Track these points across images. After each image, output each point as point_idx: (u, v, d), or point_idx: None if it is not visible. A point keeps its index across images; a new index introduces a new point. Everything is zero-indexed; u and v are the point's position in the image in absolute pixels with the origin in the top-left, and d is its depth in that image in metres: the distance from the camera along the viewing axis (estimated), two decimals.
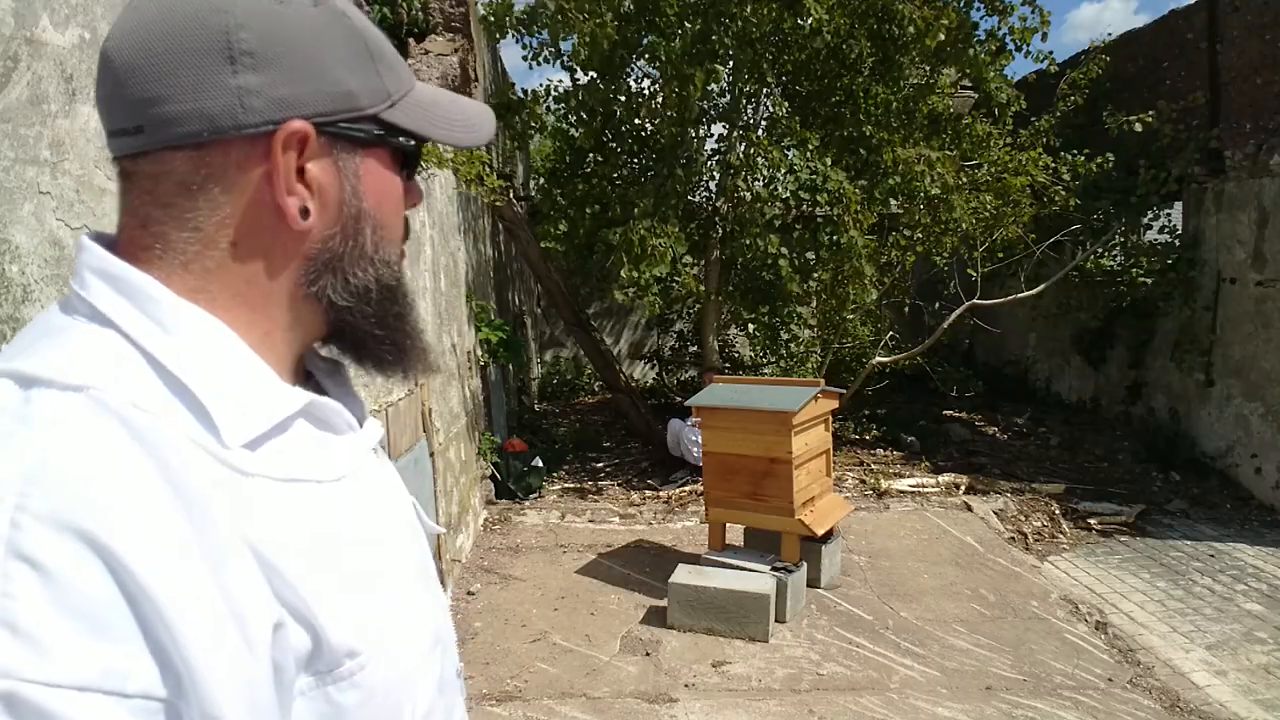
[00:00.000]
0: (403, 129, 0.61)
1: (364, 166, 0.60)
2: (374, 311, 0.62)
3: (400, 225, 0.65)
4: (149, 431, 0.48)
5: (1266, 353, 5.75)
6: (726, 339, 8.11)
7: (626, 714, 3.12)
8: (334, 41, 0.58)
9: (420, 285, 4.09)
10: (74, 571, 0.43)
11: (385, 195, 0.62)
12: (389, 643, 0.57)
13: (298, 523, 0.54)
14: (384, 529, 0.62)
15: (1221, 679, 3.47)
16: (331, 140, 0.58)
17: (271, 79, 0.55)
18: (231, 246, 0.57)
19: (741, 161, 6.09)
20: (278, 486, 0.54)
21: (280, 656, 0.50)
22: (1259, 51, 5.82)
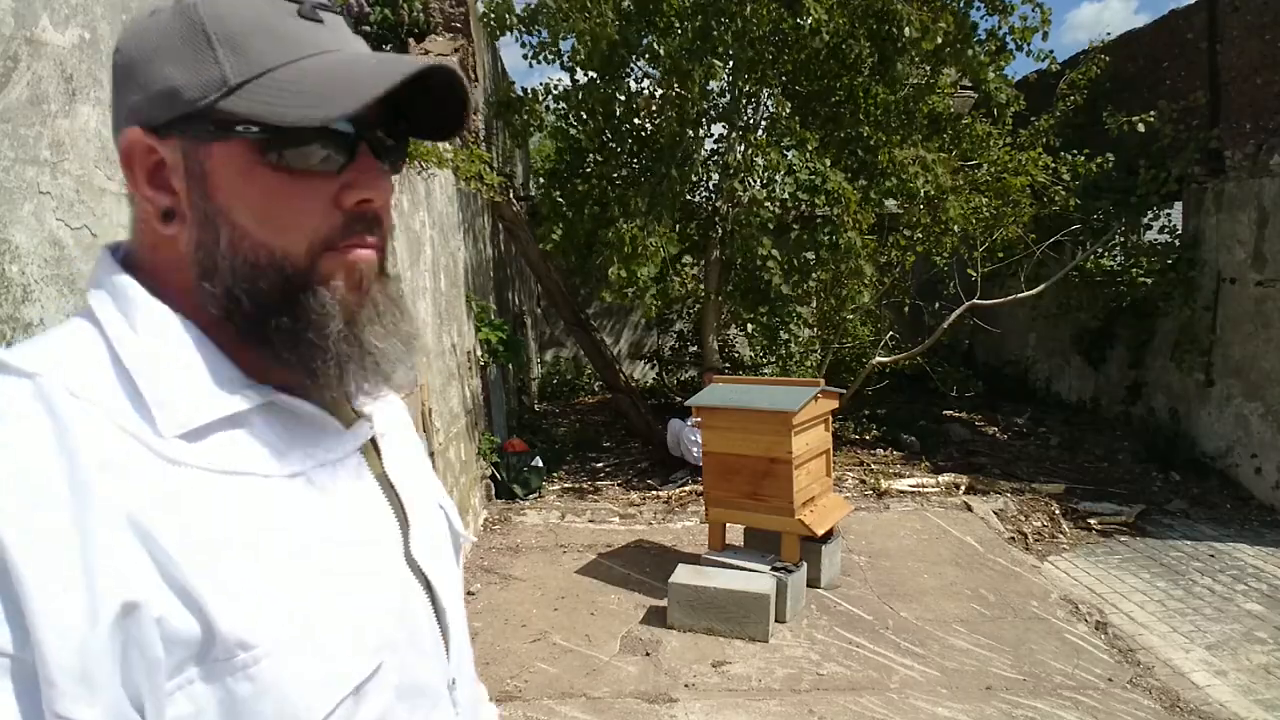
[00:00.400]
0: (239, 116, 0.55)
1: (213, 163, 0.57)
2: (253, 321, 0.59)
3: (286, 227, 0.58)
4: (67, 415, 0.52)
5: (1266, 353, 5.76)
6: (726, 339, 8.11)
7: (626, 714, 3.12)
8: (170, 40, 0.56)
9: (420, 285, 4.09)
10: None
11: (243, 192, 0.57)
12: (298, 642, 0.55)
13: (221, 514, 0.55)
14: (333, 528, 0.61)
15: (1221, 679, 3.47)
16: (180, 140, 0.57)
17: (127, 91, 0.58)
18: (153, 249, 0.60)
19: (740, 162, 6.09)
20: (211, 477, 0.55)
21: (141, 635, 0.50)
22: (1259, 51, 5.82)
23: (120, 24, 1.91)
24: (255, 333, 0.59)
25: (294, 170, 0.57)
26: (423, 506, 0.72)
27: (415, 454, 0.77)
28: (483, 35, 6.57)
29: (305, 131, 0.56)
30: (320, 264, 0.59)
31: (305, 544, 0.58)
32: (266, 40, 0.57)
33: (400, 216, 3.76)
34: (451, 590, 0.72)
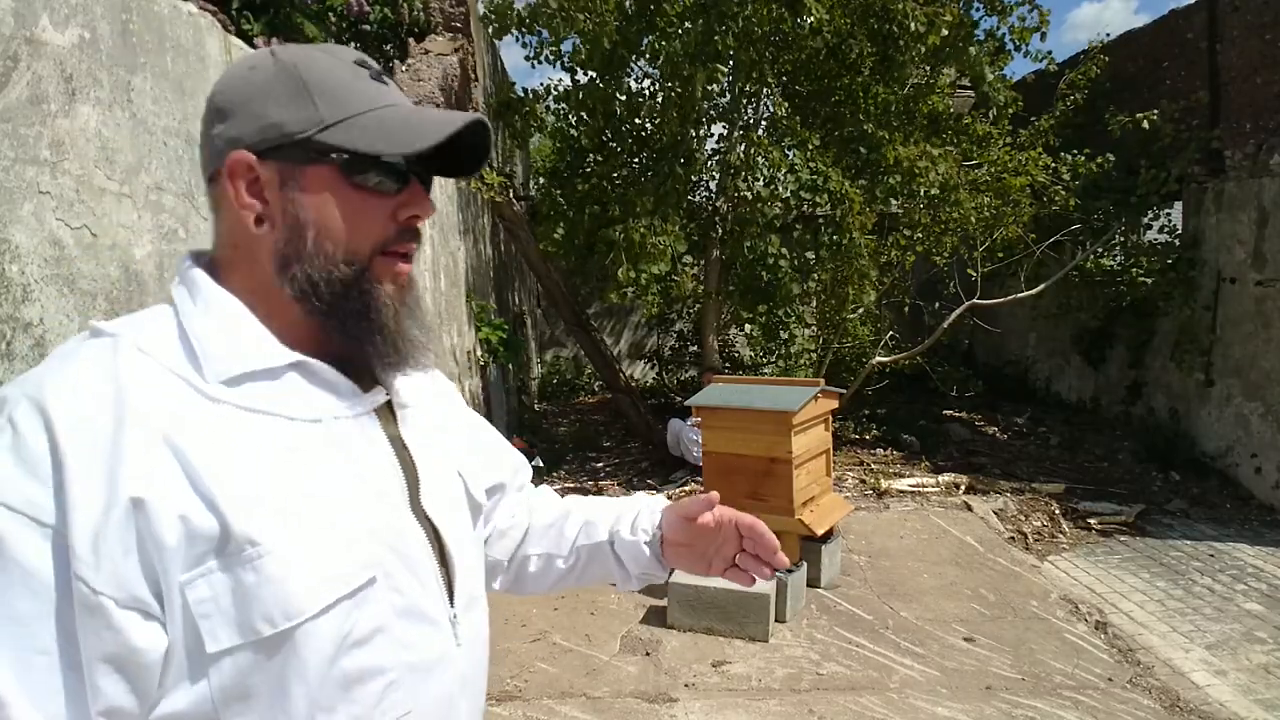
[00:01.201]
0: (333, 145, 0.74)
1: (306, 181, 0.75)
2: (326, 305, 0.76)
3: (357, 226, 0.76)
4: (130, 361, 0.69)
5: (1266, 352, 5.76)
6: (726, 339, 8.11)
7: (626, 714, 3.12)
8: (273, 88, 0.75)
9: (420, 285, 4.09)
10: (27, 431, 0.64)
11: (329, 204, 0.75)
12: (296, 544, 0.69)
13: (244, 439, 0.70)
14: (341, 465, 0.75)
15: (1221, 679, 3.47)
16: (278, 163, 0.74)
17: (229, 125, 0.75)
18: (232, 249, 0.78)
19: (741, 162, 6.09)
20: (242, 413, 0.71)
21: (152, 526, 0.64)
22: (1259, 51, 5.82)
23: (120, 24, 1.91)
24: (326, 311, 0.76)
25: (365, 189, 0.76)
26: (437, 468, 0.85)
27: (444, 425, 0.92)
28: (483, 35, 6.57)
29: (379, 162, 0.75)
30: (374, 263, 0.77)
31: (312, 472, 0.73)
32: (350, 93, 0.76)
33: None
34: (461, 542, 0.84)
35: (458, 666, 0.81)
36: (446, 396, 0.99)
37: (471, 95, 5.93)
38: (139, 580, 0.64)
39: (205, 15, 2.35)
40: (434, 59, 5.16)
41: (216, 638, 0.66)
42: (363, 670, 0.72)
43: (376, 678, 0.73)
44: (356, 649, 0.72)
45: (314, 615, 0.69)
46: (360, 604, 0.72)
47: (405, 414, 0.85)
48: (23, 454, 0.64)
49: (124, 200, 1.91)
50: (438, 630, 0.79)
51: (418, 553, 0.78)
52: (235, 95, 0.76)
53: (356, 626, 0.72)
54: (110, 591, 0.63)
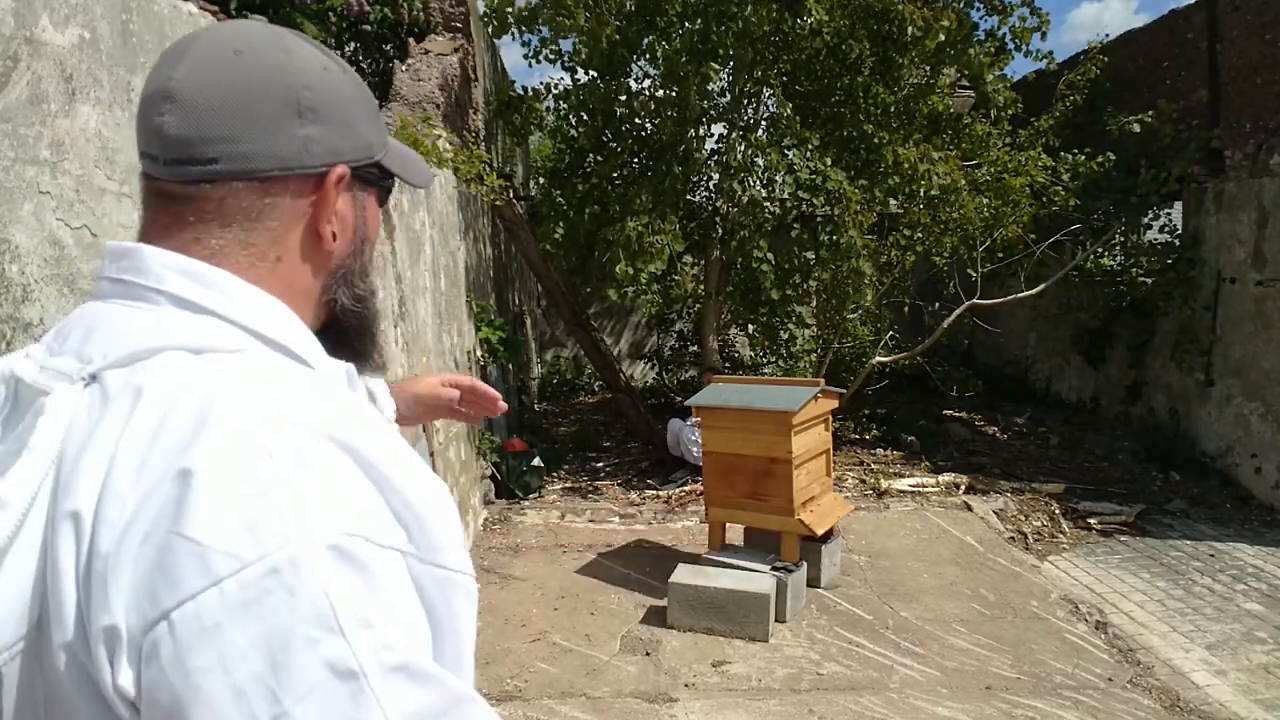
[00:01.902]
0: (391, 172, 0.78)
1: (369, 201, 0.77)
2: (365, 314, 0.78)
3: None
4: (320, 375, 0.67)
5: (1266, 352, 5.76)
6: (726, 339, 8.11)
7: (626, 714, 3.11)
8: (360, 101, 0.74)
9: (420, 285, 4.09)
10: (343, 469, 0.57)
11: (377, 224, 0.80)
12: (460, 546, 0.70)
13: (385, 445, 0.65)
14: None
15: (1221, 678, 3.47)
16: (354, 180, 0.73)
17: (327, 131, 0.70)
18: (277, 261, 0.70)
19: (740, 162, 6.09)
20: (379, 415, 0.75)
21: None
22: (1259, 51, 5.82)
23: (120, 24, 1.91)
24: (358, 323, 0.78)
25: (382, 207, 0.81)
26: None
27: None
28: (483, 35, 6.57)
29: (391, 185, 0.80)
30: None
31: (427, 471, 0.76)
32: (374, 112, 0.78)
33: (400, 216, 3.76)
34: None
35: None
36: None
37: (471, 95, 5.92)
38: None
39: (205, 15, 2.36)
40: (434, 59, 5.16)
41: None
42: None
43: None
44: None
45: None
46: None
47: None
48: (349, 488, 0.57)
49: (124, 200, 1.91)
50: None
51: None
52: (326, 98, 0.70)
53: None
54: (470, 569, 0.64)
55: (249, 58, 0.67)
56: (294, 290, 0.71)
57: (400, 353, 3.60)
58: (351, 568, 0.53)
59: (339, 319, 0.76)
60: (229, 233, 0.67)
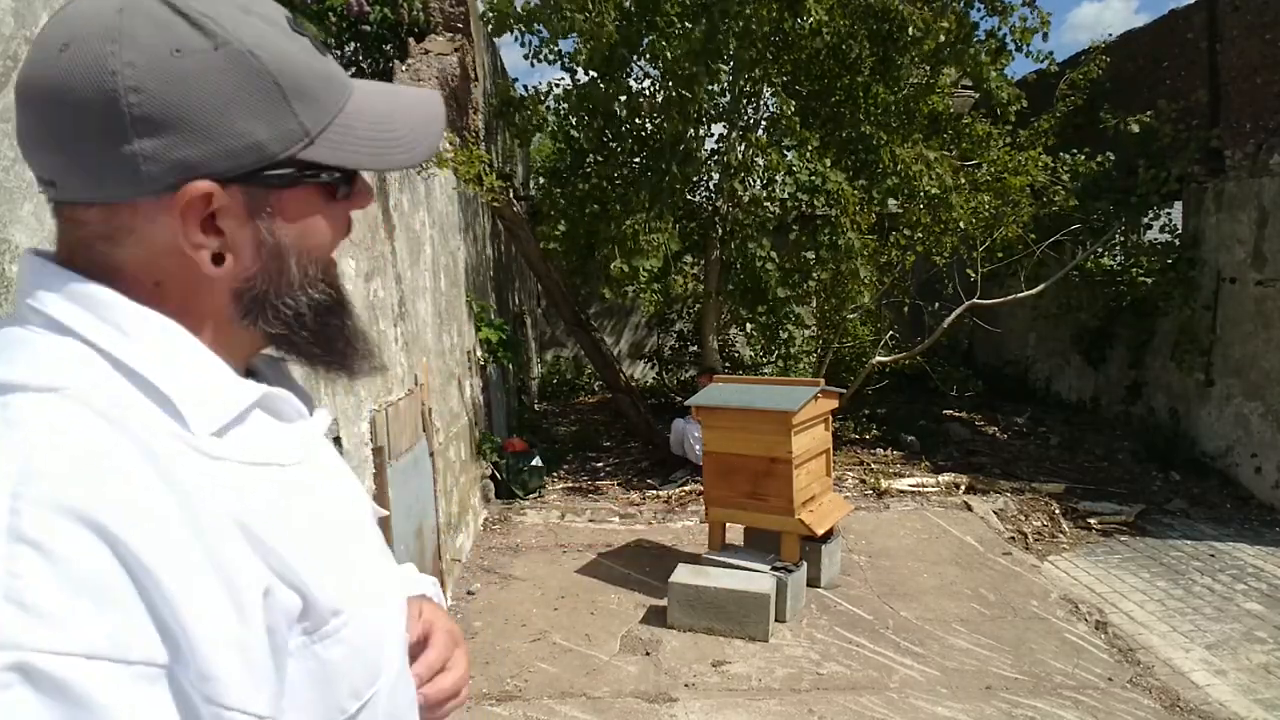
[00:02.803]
0: (325, 165, 0.61)
1: (284, 205, 0.60)
2: (311, 330, 0.65)
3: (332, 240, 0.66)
4: (127, 422, 0.53)
5: (1266, 352, 5.75)
6: (726, 339, 8.11)
7: (626, 714, 3.12)
8: (237, 89, 0.55)
9: (420, 285, 4.09)
10: (75, 549, 0.46)
11: (311, 226, 0.63)
12: (366, 604, 0.63)
13: (271, 499, 0.59)
14: (344, 505, 0.68)
15: (1221, 678, 3.47)
16: (247, 188, 0.58)
17: (170, 142, 0.54)
18: (155, 286, 0.59)
19: (740, 162, 6.09)
20: (248, 469, 0.58)
21: (272, 620, 0.55)
22: (1259, 51, 5.82)
23: None
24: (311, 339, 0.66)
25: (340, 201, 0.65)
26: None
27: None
28: (483, 35, 6.57)
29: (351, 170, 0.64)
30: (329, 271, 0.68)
31: (337, 520, 0.65)
32: (319, 83, 0.60)
33: (400, 216, 3.76)
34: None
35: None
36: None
37: (471, 95, 5.92)
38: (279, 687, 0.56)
39: None
40: (434, 59, 5.16)
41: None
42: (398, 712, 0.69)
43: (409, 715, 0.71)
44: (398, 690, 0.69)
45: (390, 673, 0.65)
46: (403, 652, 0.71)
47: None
48: (76, 580, 0.46)
49: None
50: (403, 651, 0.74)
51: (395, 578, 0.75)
52: (168, 98, 0.53)
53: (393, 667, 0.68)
54: (272, 713, 0.54)
55: (71, 55, 0.53)
56: (194, 314, 0.60)
57: (400, 352, 3.60)
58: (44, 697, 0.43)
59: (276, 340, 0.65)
60: (93, 256, 0.57)
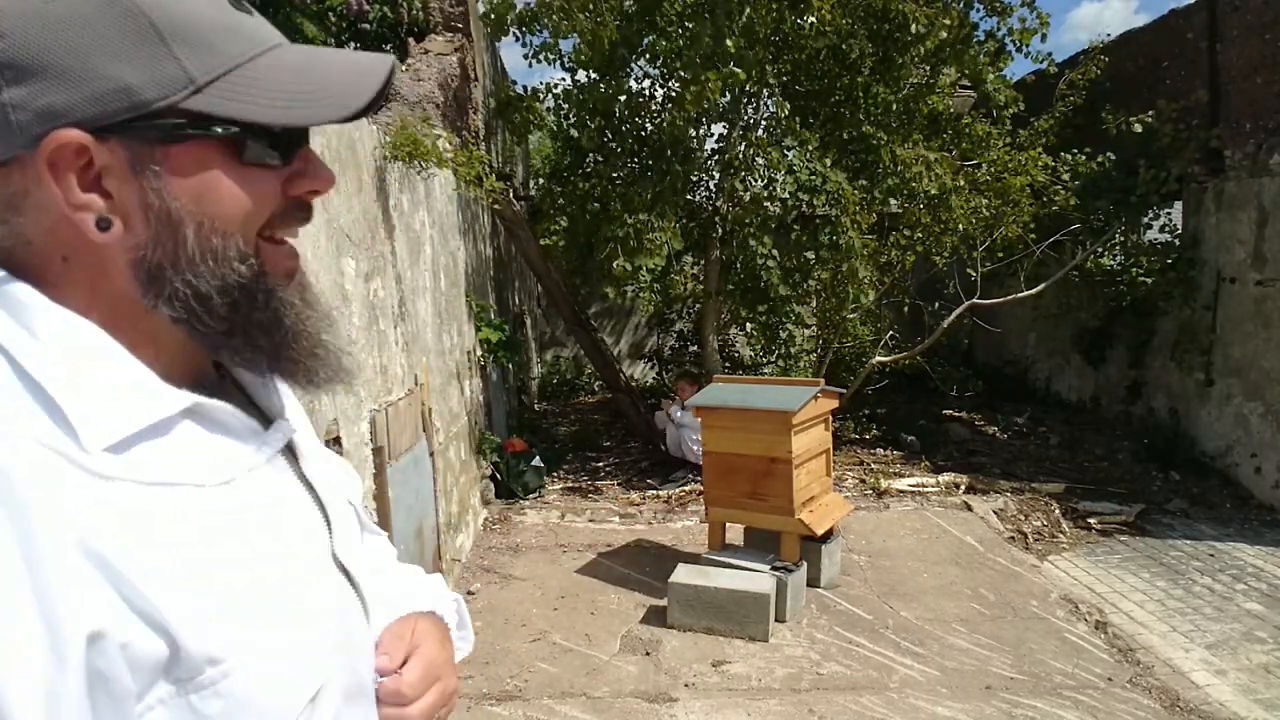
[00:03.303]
0: (218, 117, 0.55)
1: (173, 163, 0.55)
2: (225, 322, 0.58)
3: (248, 210, 0.58)
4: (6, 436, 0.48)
5: (1266, 352, 5.75)
6: (726, 339, 8.11)
7: (626, 713, 3.11)
8: (106, 30, 0.52)
9: (420, 285, 4.09)
10: None
11: (211, 189, 0.56)
12: (264, 650, 0.55)
13: (164, 527, 0.53)
14: (274, 533, 0.60)
15: (1221, 678, 3.47)
16: (126, 141, 0.54)
17: (37, 89, 0.51)
18: (63, 261, 0.55)
19: (741, 162, 6.09)
20: (146, 491, 0.53)
21: (108, 666, 0.49)
22: (1259, 51, 5.82)
23: None
24: (227, 330, 0.58)
25: (254, 164, 0.57)
26: (339, 504, 0.71)
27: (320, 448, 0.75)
28: (482, 34, 6.57)
29: (271, 128, 0.57)
30: (263, 257, 0.60)
31: (252, 554, 0.57)
32: (222, 34, 0.55)
33: (400, 216, 3.76)
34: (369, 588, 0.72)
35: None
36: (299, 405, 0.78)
37: (471, 94, 5.92)
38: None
39: None
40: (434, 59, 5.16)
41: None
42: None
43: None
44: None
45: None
46: (315, 704, 0.60)
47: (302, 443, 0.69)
48: None
49: None
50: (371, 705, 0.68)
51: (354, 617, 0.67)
52: (34, 40, 0.51)
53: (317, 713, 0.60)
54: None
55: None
56: (105, 298, 0.56)
57: (400, 352, 3.60)
58: None
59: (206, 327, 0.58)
60: (9, 226, 0.55)
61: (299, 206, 0.61)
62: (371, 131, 3.42)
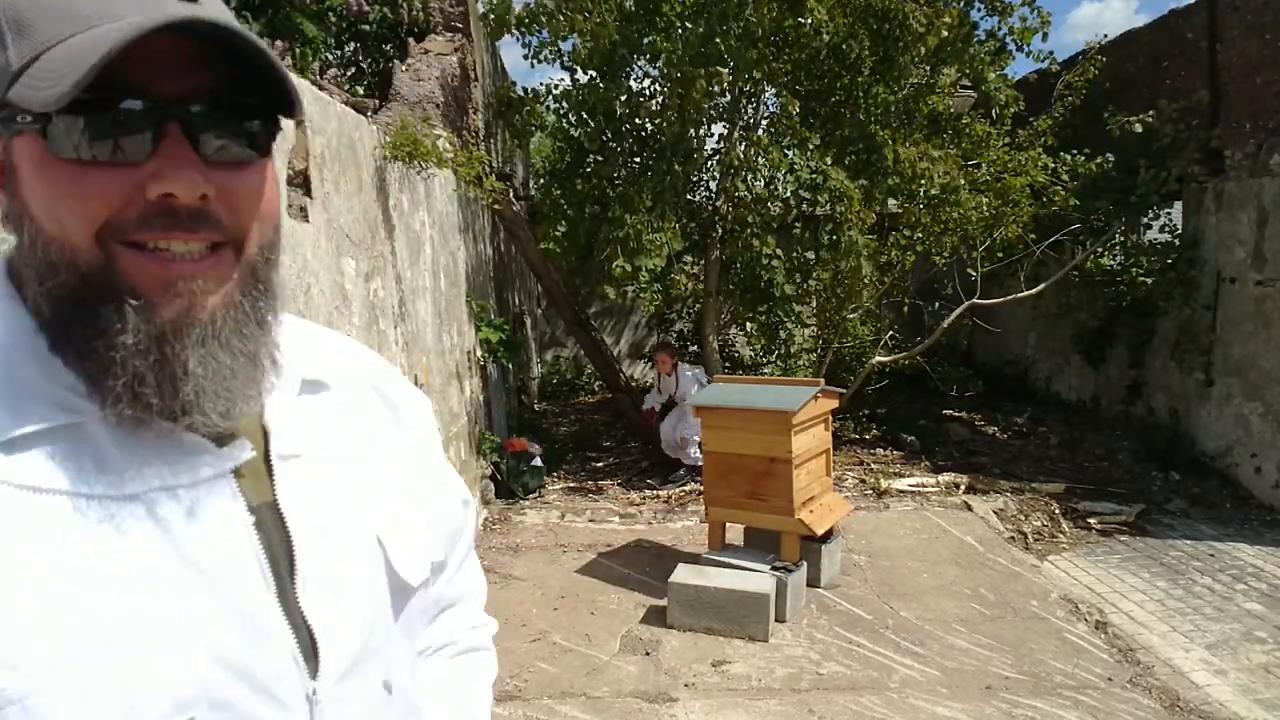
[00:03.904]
0: (16, 106, 0.51)
1: (14, 157, 0.53)
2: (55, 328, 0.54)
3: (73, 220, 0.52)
4: None
5: (1266, 352, 5.76)
6: (726, 339, 8.11)
7: (626, 714, 3.12)
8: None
9: (420, 285, 4.09)
10: None
11: (36, 184, 0.52)
12: (68, 686, 0.49)
13: (11, 534, 0.50)
14: (162, 558, 0.54)
15: (1221, 678, 3.47)
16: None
17: None
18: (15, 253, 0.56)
19: (741, 161, 6.09)
20: (21, 495, 0.51)
21: None
22: (1259, 51, 5.82)
23: None
24: (60, 336, 0.54)
25: (84, 161, 0.51)
26: (330, 542, 0.62)
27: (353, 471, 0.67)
28: (482, 34, 6.57)
29: (98, 114, 0.50)
30: (118, 265, 0.53)
31: (105, 576, 0.51)
32: (51, 17, 0.51)
33: (400, 216, 3.76)
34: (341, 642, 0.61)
35: None
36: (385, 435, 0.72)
37: (471, 94, 5.93)
38: None
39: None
40: (434, 59, 5.16)
41: None
42: None
43: None
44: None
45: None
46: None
47: (290, 468, 0.62)
48: None
49: None
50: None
51: (276, 668, 0.57)
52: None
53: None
54: None
55: None
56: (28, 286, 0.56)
57: (400, 353, 3.60)
58: None
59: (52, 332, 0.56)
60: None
61: (164, 211, 0.53)
62: (371, 131, 3.42)
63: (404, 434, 0.74)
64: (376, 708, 0.64)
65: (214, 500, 0.57)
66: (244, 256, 0.57)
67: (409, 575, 0.68)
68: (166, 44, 0.50)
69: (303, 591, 0.60)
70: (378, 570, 0.65)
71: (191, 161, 0.52)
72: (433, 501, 0.76)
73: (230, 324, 0.56)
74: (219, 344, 0.55)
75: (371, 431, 0.71)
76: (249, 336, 0.57)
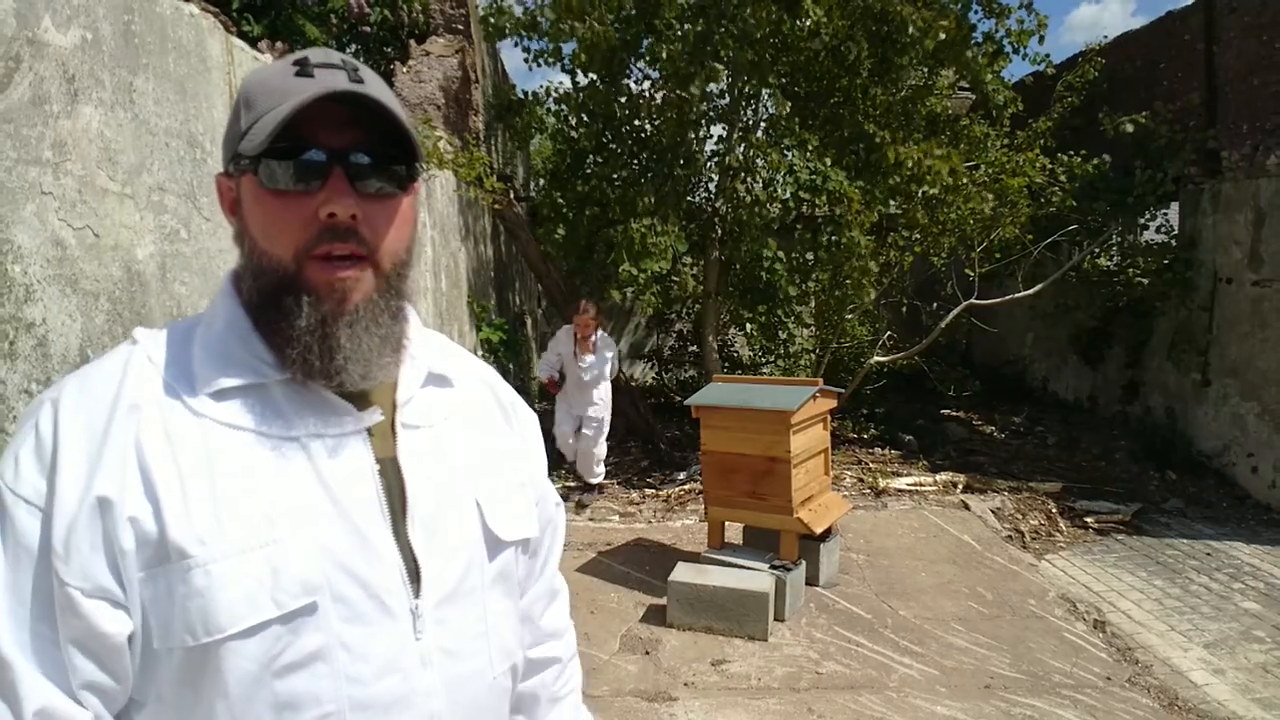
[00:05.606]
0: (243, 154, 0.75)
1: (243, 192, 0.77)
2: (257, 314, 0.77)
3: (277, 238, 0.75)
4: (138, 369, 0.75)
5: (1263, 352, 5.77)
6: (726, 339, 8.13)
7: (626, 713, 3.12)
8: (235, 106, 0.78)
9: (421, 285, 4.10)
10: (44, 427, 0.71)
11: (256, 213, 0.76)
12: (230, 562, 0.69)
13: (209, 453, 0.72)
14: (303, 485, 0.74)
15: (1219, 677, 3.48)
16: (233, 179, 0.79)
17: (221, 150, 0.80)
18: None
19: (741, 163, 6.10)
20: (219, 428, 0.73)
21: (113, 527, 0.68)
22: (1256, 53, 5.84)
23: (122, 25, 1.92)
24: (258, 321, 0.77)
25: (278, 191, 0.74)
26: (436, 494, 0.81)
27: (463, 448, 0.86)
28: (483, 36, 6.58)
29: (287, 160, 0.73)
30: (306, 271, 0.75)
31: (273, 489, 0.73)
32: (263, 95, 0.75)
33: None
34: (443, 575, 0.79)
35: (427, 708, 0.76)
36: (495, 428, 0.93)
37: (471, 96, 5.94)
38: (105, 572, 0.68)
39: (207, 17, 2.36)
40: (434, 60, 5.17)
41: (157, 635, 0.69)
42: (295, 696, 0.71)
43: (311, 707, 0.71)
44: (289, 674, 0.70)
45: (235, 634, 0.69)
46: (297, 629, 0.71)
47: (411, 435, 0.82)
48: (38, 448, 0.71)
49: (126, 201, 1.92)
50: (397, 667, 0.75)
51: (386, 581, 0.75)
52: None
53: (288, 651, 0.70)
54: (76, 582, 0.67)
55: None
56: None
57: None
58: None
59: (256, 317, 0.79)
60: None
61: (330, 229, 0.74)
62: None
63: (511, 432, 0.95)
64: (472, 639, 0.81)
65: (351, 449, 0.77)
66: (380, 267, 0.78)
67: (502, 532, 0.85)
68: (335, 111, 0.74)
69: (411, 529, 0.78)
70: (474, 525, 0.83)
71: (347, 191, 0.74)
72: (528, 488, 0.93)
73: (370, 314, 0.77)
74: (361, 328, 0.76)
75: (483, 422, 0.91)
76: (383, 324, 0.78)
